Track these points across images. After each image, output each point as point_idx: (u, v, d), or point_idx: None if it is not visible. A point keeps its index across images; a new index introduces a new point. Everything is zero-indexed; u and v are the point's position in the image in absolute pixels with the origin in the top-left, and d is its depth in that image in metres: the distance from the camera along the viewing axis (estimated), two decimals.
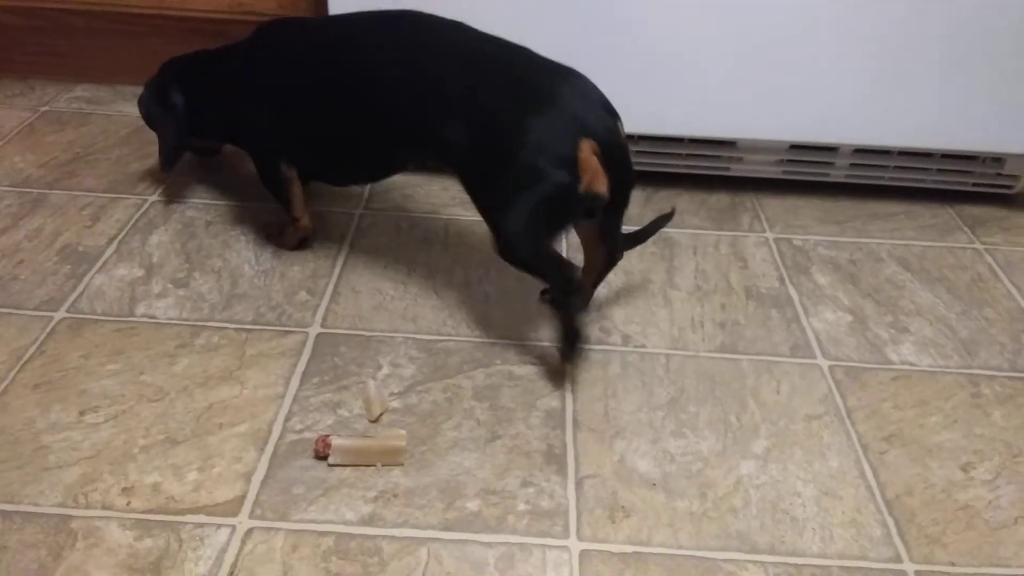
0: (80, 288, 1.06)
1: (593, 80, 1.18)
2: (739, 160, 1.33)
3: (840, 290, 1.14)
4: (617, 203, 0.92)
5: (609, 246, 1.00)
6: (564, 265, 0.93)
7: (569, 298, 0.93)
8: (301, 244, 1.16)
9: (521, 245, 0.92)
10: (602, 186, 0.88)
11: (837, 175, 1.34)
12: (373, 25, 1.02)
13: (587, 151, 0.87)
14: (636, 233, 1.06)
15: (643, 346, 1.02)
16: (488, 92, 0.91)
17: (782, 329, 1.06)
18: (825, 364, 1.01)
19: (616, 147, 0.89)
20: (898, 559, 0.78)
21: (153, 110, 1.19)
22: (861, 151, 1.31)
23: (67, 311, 1.02)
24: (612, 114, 0.92)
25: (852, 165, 1.33)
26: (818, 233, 1.26)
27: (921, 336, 1.06)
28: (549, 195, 0.88)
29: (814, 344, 1.04)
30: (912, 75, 1.23)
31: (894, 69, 1.23)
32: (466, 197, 0.98)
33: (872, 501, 0.84)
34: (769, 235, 1.25)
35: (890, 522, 0.82)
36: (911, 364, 1.02)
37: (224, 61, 1.14)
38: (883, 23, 1.19)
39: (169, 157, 1.19)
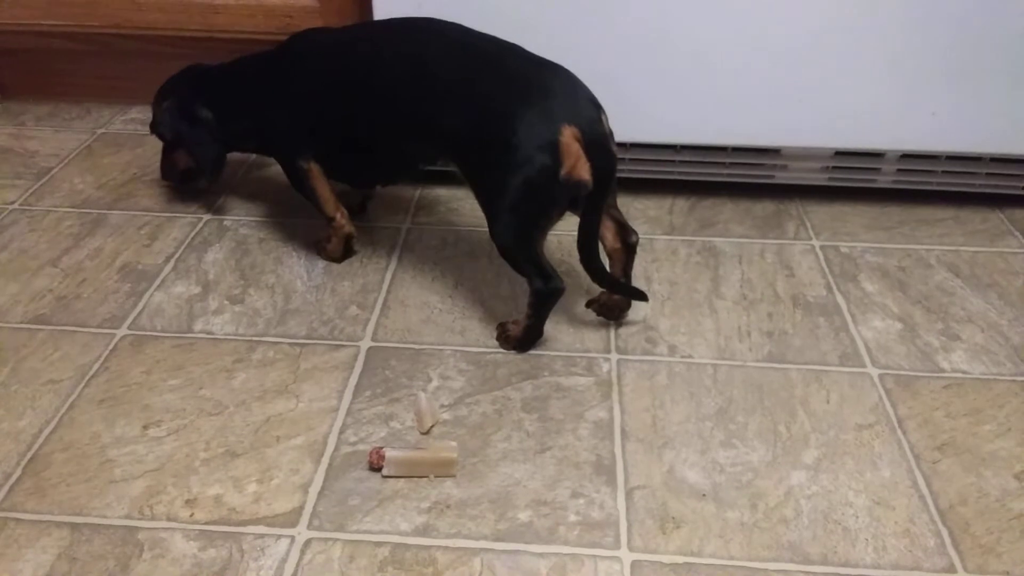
0: (140, 306, 1.09)
1: (636, 91, 1.19)
2: (783, 168, 1.33)
3: (889, 297, 1.13)
4: (601, 191, 0.96)
5: (588, 243, 1.00)
6: (550, 273, 0.98)
7: (544, 304, 1.00)
8: (347, 252, 1.19)
9: (513, 232, 0.97)
10: (584, 172, 0.93)
11: (884, 181, 1.33)
12: (381, 30, 1.11)
13: (569, 137, 0.92)
14: (614, 280, 1.04)
15: (690, 356, 1.03)
16: (482, 85, 0.98)
17: (830, 338, 1.06)
18: (875, 373, 1.01)
19: (598, 135, 0.94)
20: (952, 569, 0.78)
21: (183, 128, 1.22)
22: (908, 156, 1.30)
23: (128, 328, 1.05)
24: (596, 106, 0.97)
25: (899, 171, 1.32)
26: (865, 240, 1.26)
27: (973, 343, 1.05)
28: (532, 178, 0.93)
29: (863, 352, 1.04)
30: (960, 79, 1.22)
31: (941, 73, 1.21)
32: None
33: (925, 511, 0.83)
34: (815, 243, 1.25)
35: (944, 532, 0.81)
36: (963, 372, 1.01)
37: (248, 72, 1.19)
38: (929, 27, 1.18)
39: (209, 171, 1.24)
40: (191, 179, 1.32)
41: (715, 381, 0.99)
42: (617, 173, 0.98)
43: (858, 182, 1.33)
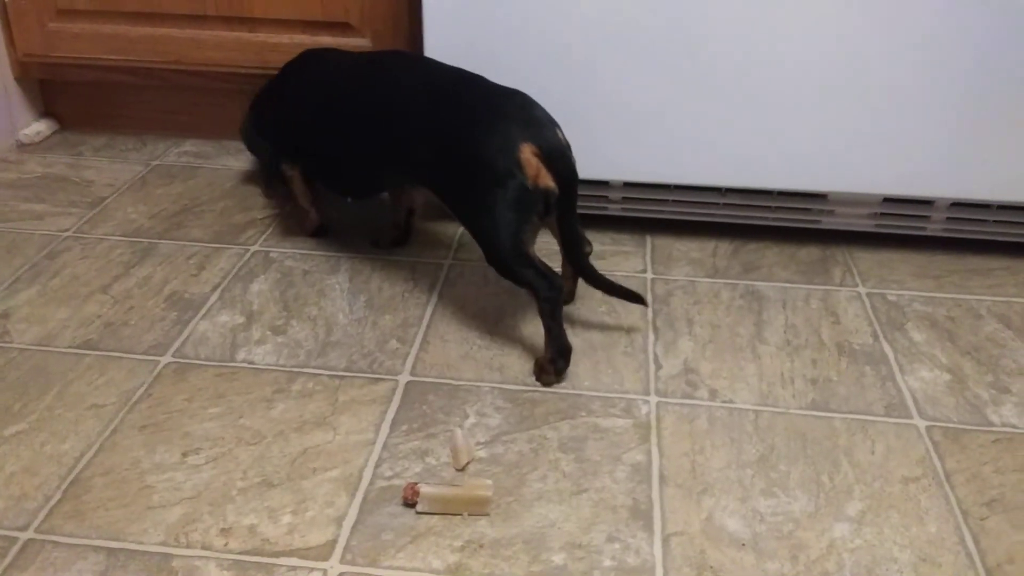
0: (185, 334, 1.11)
1: (682, 132, 1.21)
2: (830, 213, 1.32)
3: (937, 348, 1.11)
4: (567, 199, 1.03)
5: (573, 246, 1.08)
6: (549, 273, 1.02)
7: (555, 307, 1.02)
8: (316, 233, 1.33)
9: (502, 246, 1.02)
10: (548, 180, 1.01)
11: (934, 229, 1.31)
12: (364, 62, 1.21)
13: (528, 152, 1.00)
14: (606, 281, 1.09)
15: (731, 401, 1.01)
16: (444, 115, 1.06)
17: (876, 387, 1.04)
18: (922, 424, 0.98)
19: (554, 147, 1.02)
20: None
21: (250, 137, 1.37)
22: (959, 204, 1.28)
23: (173, 356, 1.07)
24: (551, 122, 1.04)
25: (949, 219, 1.29)
26: (914, 288, 1.23)
27: None
28: (508, 193, 1.00)
29: (910, 403, 1.01)
30: (1012, 127, 1.20)
31: (991, 120, 1.20)
32: (550, 247, 1.05)
33: (972, 569, 0.80)
34: (862, 290, 1.23)
35: None
36: (1013, 426, 0.98)
37: (274, 80, 1.33)
38: (982, 74, 1.17)
39: (267, 179, 1.37)
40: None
41: (757, 428, 0.97)
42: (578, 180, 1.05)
43: (907, 229, 1.31)
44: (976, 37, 1.15)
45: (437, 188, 1.09)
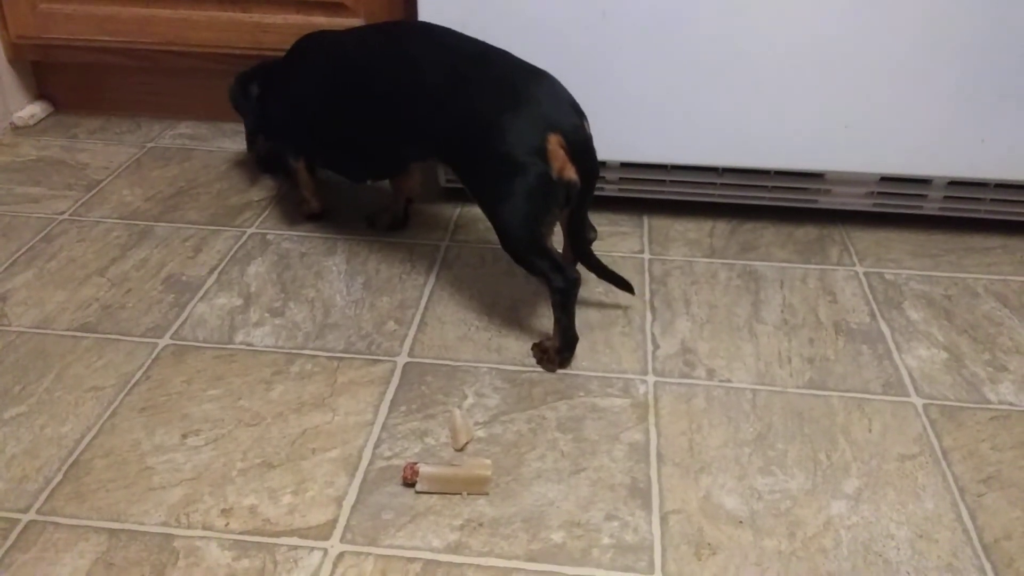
0: (183, 316, 1.11)
1: (678, 112, 1.20)
2: (827, 192, 1.32)
3: (935, 326, 1.11)
4: (584, 191, 1.01)
5: (579, 234, 1.07)
6: (564, 265, 1.01)
7: (568, 300, 1.01)
8: (312, 218, 1.32)
9: (520, 236, 1.00)
10: (572, 173, 0.98)
11: (931, 208, 1.31)
12: (378, 33, 1.17)
13: (554, 143, 0.97)
14: (603, 267, 1.11)
15: (728, 380, 1.01)
16: (471, 90, 1.02)
17: (873, 365, 1.04)
18: (919, 402, 0.98)
19: (580, 141, 0.99)
20: None
21: (238, 98, 1.35)
22: (956, 183, 1.28)
23: (171, 338, 1.07)
24: (578, 112, 1.01)
25: (946, 197, 1.29)
26: (911, 267, 1.23)
27: (1021, 375, 1.02)
28: (531, 183, 0.97)
29: (907, 382, 1.02)
30: (1009, 105, 1.20)
31: (990, 99, 1.20)
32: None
33: (969, 545, 0.81)
34: (859, 269, 1.23)
35: (987, 567, 0.79)
36: (1010, 404, 0.98)
37: (274, 66, 1.30)
38: (977, 52, 1.17)
39: (249, 141, 1.37)
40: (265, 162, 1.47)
41: (754, 406, 0.98)
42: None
43: (904, 208, 1.32)
44: (973, 15, 1.15)
45: (456, 165, 1.07)
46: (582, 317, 1.11)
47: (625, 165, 1.32)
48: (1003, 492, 0.87)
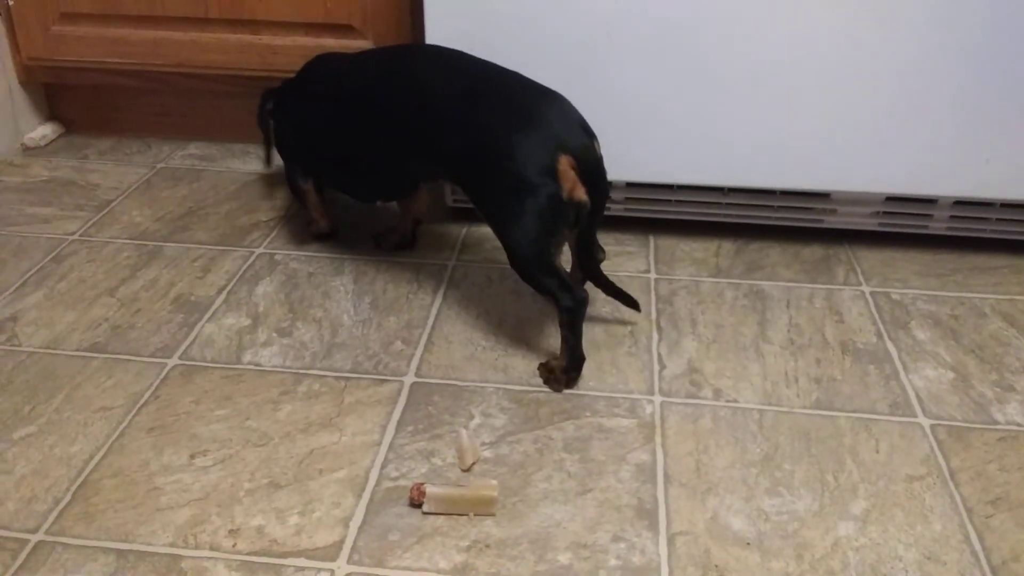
0: (192, 336, 1.12)
1: (685, 132, 1.21)
2: (833, 212, 1.32)
3: (941, 346, 1.11)
4: (594, 212, 1.02)
5: (588, 254, 1.10)
6: (572, 285, 1.01)
7: (576, 320, 1.01)
8: (320, 238, 1.33)
9: (529, 255, 1.01)
10: (582, 194, 0.99)
11: (937, 227, 1.31)
12: (386, 57, 1.20)
13: (565, 164, 0.98)
14: (611, 285, 1.12)
15: (735, 400, 1.01)
16: (482, 110, 1.03)
17: (880, 386, 1.04)
18: (927, 423, 0.98)
19: (591, 161, 1.00)
20: None
21: (259, 112, 1.35)
22: (961, 203, 1.28)
23: (179, 358, 1.08)
24: (589, 133, 1.02)
25: (952, 217, 1.30)
26: (917, 287, 1.24)
27: None
28: (541, 203, 0.98)
29: (914, 402, 1.01)
30: (1013, 125, 1.20)
31: (995, 119, 1.20)
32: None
33: (977, 567, 0.81)
34: (865, 288, 1.23)
35: None
36: (1018, 424, 0.98)
37: (286, 87, 1.31)
38: (984, 73, 1.17)
39: (266, 154, 1.37)
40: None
41: (761, 427, 0.97)
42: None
43: (910, 228, 1.32)
44: (978, 35, 1.16)
45: (467, 185, 1.08)
46: (588, 337, 1.11)
47: (631, 185, 1.33)
48: (1011, 513, 0.86)
